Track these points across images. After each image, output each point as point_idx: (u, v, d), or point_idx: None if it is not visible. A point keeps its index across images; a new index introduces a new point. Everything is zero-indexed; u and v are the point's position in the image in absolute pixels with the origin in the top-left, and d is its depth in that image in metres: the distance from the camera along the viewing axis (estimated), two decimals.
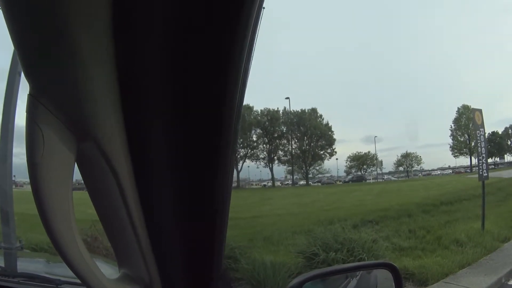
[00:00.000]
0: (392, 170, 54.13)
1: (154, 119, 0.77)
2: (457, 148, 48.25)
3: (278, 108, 48.79)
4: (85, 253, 0.80)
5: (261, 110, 48.24)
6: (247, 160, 48.84)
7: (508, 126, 49.72)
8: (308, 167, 48.50)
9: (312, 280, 1.65)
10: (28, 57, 0.64)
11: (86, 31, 0.62)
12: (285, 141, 49.34)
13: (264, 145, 49.02)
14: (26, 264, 2.76)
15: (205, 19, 0.63)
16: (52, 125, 0.67)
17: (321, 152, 49.13)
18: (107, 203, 0.86)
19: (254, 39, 0.75)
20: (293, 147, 49.07)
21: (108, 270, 1.07)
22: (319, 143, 48.57)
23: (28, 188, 0.74)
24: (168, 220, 0.93)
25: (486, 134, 13.72)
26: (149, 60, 0.69)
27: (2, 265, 2.49)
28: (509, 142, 50.38)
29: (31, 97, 0.66)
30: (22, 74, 0.69)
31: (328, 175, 52.09)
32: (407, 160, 53.11)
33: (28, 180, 0.70)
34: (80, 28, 0.61)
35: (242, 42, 0.66)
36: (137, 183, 0.85)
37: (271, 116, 48.28)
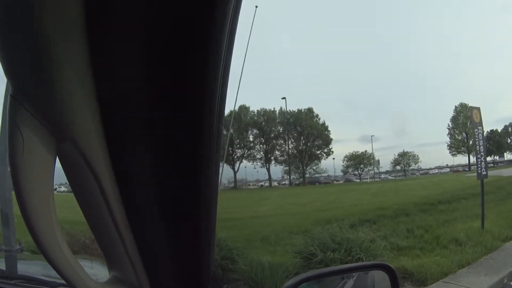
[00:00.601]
0: (389, 169, 54.73)
1: (132, 120, 0.77)
2: (455, 147, 48.70)
3: (274, 108, 49.28)
4: (69, 255, 0.80)
5: (257, 111, 48.79)
6: (244, 161, 49.30)
7: (507, 124, 50.15)
8: (305, 167, 48.82)
9: (307, 281, 1.63)
10: (8, 58, 0.64)
11: (61, 33, 0.62)
12: (282, 141, 49.88)
13: (261, 146, 49.53)
14: (26, 267, 2.82)
15: (178, 18, 0.63)
16: (31, 125, 0.68)
17: (318, 152, 49.64)
18: (91, 204, 0.86)
19: (232, 40, 0.75)
20: (290, 147, 49.63)
21: (104, 272, 1.08)
22: (316, 142, 49.05)
23: None
24: (151, 221, 0.93)
25: (485, 133, 13.65)
26: (125, 61, 0.69)
27: (3, 267, 2.57)
28: (508, 140, 50.78)
29: (12, 98, 0.66)
30: None
31: (325, 174, 52.50)
32: (404, 159, 53.63)
33: None
34: (55, 30, 0.61)
35: (218, 42, 0.67)
36: (118, 183, 0.84)
37: (267, 116, 48.71)
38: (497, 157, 50.92)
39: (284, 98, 49.62)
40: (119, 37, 0.66)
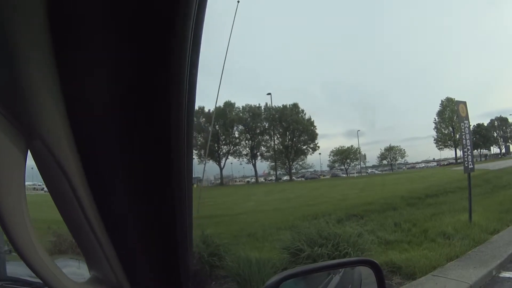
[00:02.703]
0: (376, 164, 55.31)
1: (98, 118, 0.77)
2: (441, 141, 49.33)
3: (259, 104, 49.41)
4: (44, 255, 0.79)
5: (242, 107, 48.87)
6: (229, 157, 49.52)
7: (494, 118, 50.92)
8: (291, 162, 49.08)
9: (290, 278, 1.63)
10: None
11: (28, 33, 0.62)
12: (268, 137, 50.15)
13: (247, 142, 49.89)
14: (15, 268, 2.82)
15: (141, 14, 0.64)
16: (1, 124, 0.67)
17: (304, 147, 50.05)
18: (65, 203, 0.85)
19: (199, 30, 0.74)
20: (276, 142, 49.86)
21: (87, 272, 1.07)
22: (302, 138, 49.40)
23: None
24: (125, 220, 0.93)
25: (471, 127, 13.69)
26: (90, 60, 0.70)
27: None
28: (495, 134, 51.50)
29: None
30: None
31: (311, 170, 52.83)
32: (390, 153, 54.20)
33: None
34: (22, 30, 0.61)
35: (181, 38, 0.68)
36: (88, 182, 0.84)
37: (253, 112, 48.94)
38: (483, 150, 51.66)
39: (269, 93, 49.87)
40: (84, 36, 0.66)
